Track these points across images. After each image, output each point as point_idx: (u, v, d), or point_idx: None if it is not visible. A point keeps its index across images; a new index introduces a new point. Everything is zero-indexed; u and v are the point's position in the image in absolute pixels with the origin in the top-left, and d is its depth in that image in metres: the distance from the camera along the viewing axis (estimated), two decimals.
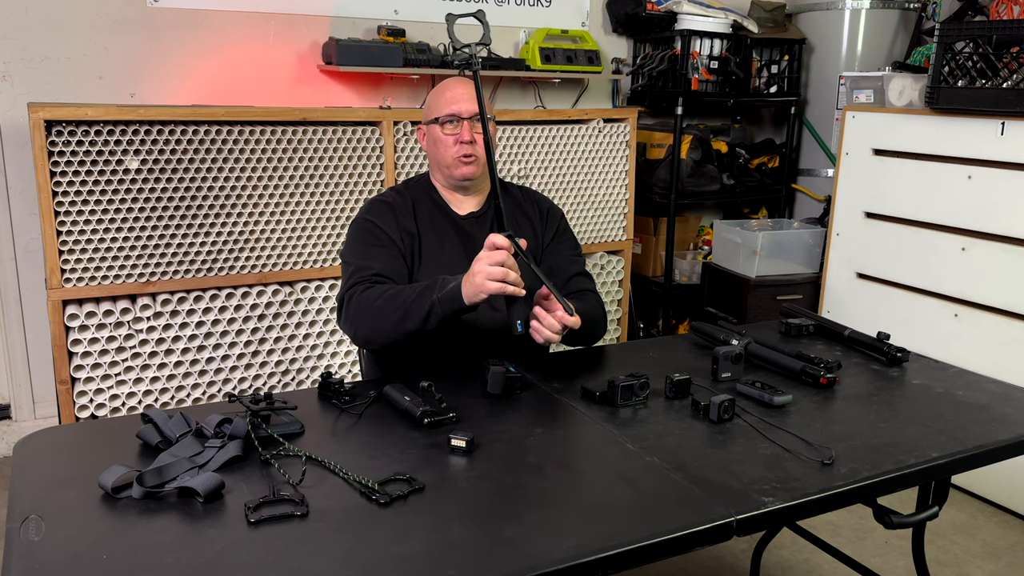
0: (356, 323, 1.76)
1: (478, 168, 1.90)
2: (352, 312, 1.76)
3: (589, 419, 1.51)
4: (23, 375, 3.12)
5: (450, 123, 1.88)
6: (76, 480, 1.25)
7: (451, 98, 1.89)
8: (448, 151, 1.89)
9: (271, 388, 2.95)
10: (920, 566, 1.87)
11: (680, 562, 2.45)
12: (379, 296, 1.73)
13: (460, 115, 1.87)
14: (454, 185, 1.94)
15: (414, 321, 1.68)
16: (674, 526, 1.15)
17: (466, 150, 1.87)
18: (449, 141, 1.88)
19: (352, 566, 1.06)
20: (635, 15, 3.78)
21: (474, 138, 1.87)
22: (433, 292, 1.68)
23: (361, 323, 1.75)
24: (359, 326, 1.76)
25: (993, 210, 2.79)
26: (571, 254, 2.01)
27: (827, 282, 3.44)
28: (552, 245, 1.99)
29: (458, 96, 1.89)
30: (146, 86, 3.10)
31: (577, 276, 1.97)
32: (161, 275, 2.73)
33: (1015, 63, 2.68)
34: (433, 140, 1.92)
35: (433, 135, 1.92)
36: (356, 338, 1.80)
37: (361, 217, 1.91)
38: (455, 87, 1.92)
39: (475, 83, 1.73)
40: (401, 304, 1.70)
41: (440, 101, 1.91)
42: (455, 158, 1.88)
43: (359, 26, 3.39)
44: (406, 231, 1.88)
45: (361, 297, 1.75)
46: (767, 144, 4.24)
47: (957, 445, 1.44)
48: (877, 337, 1.92)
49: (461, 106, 1.88)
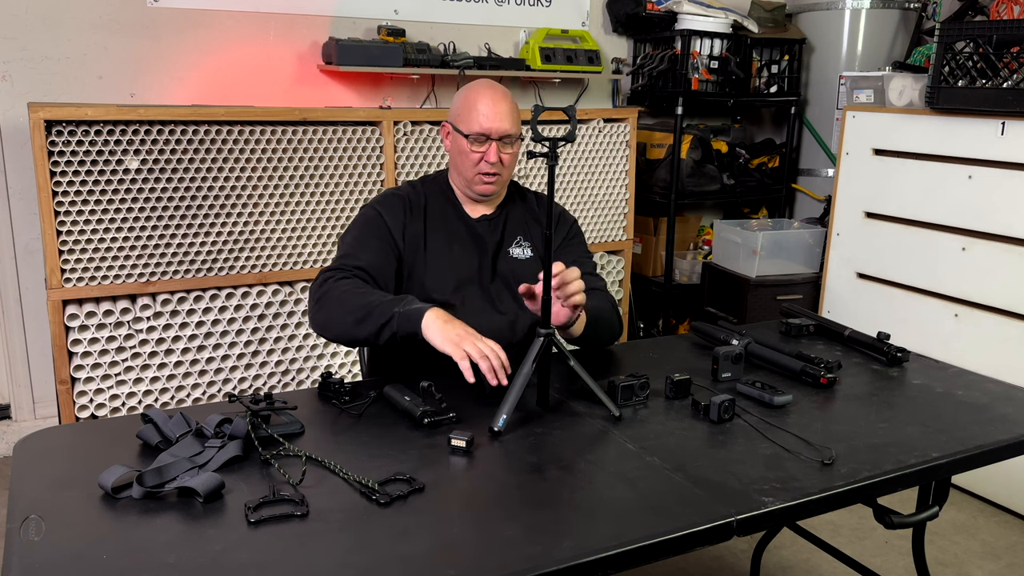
0: (319, 308, 1.72)
1: (498, 187, 1.87)
2: (319, 295, 1.73)
3: (589, 419, 1.51)
4: (23, 375, 3.12)
5: (479, 142, 1.81)
6: (76, 480, 1.25)
7: (485, 115, 1.80)
8: (471, 168, 1.83)
9: (271, 388, 2.95)
10: (920, 566, 1.87)
11: (680, 562, 2.45)
12: (347, 290, 1.70)
13: (491, 136, 1.80)
14: (470, 195, 1.90)
15: (369, 327, 1.65)
16: (674, 526, 1.15)
17: (489, 169, 1.82)
18: (474, 158, 1.82)
19: (352, 566, 1.06)
20: (635, 15, 3.78)
21: (501, 158, 1.81)
22: (396, 305, 1.65)
23: (322, 310, 1.71)
24: (319, 311, 1.72)
25: (993, 210, 2.79)
26: (580, 256, 1.98)
27: (827, 282, 3.44)
28: (562, 247, 1.98)
29: (492, 115, 1.80)
30: (146, 86, 3.10)
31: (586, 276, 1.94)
32: (161, 275, 2.73)
33: (1015, 63, 2.68)
34: (458, 149, 1.85)
35: (459, 145, 1.84)
36: (313, 322, 1.75)
37: (371, 205, 1.88)
38: (492, 103, 1.81)
39: (549, 176, 1.56)
40: (364, 305, 1.66)
41: (473, 113, 1.81)
42: (476, 175, 1.84)
43: (359, 26, 3.39)
44: (412, 230, 1.86)
45: (334, 284, 1.72)
46: (767, 144, 4.24)
47: (957, 445, 1.44)
48: (877, 337, 1.92)
49: (493, 126, 1.80)
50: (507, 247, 1.91)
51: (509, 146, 1.83)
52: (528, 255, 1.92)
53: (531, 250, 1.93)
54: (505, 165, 1.84)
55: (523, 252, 1.92)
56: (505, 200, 1.96)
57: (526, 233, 1.95)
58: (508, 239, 1.92)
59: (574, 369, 1.56)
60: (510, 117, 1.82)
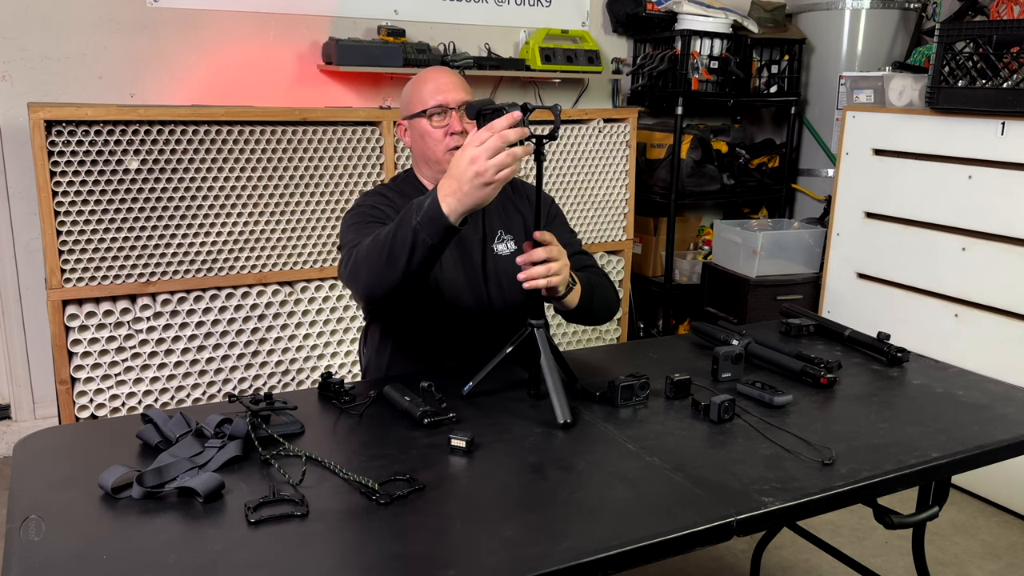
0: (355, 278, 1.61)
1: None
2: (350, 271, 1.62)
3: (589, 419, 1.51)
4: (23, 375, 3.12)
5: (438, 115, 1.78)
6: (76, 480, 1.25)
7: (436, 88, 1.78)
8: (438, 144, 1.80)
9: (271, 388, 2.95)
10: (920, 566, 1.87)
11: (680, 562, 2.45)
12: (366, 244, 1.59)
13: (448, 105, 1.77)
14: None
15: (402, 257, 1.49)
16: (674, 526, 1.15)
17: (457, 141, 1.78)
18: (438, 134, 1.79)
19: (352, 566, 1.06)
20: (635, 15, 3.78)
21: (465, 129, 1.78)
22: (411, 221, 1.48)
23: (357, 278, 1.60)
24: (358, 280, 1.60)
25: (993, 210, 2.79)
26: (567, 234, 1.93)
27: (827, 282, 3.44)
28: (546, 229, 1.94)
29: (443, 85, 1.79)
30: (146, 86, 3.10)
31: (576, 255, 1.88)
32: (161, 275, 2.73)
33: (1015, 63, 2.68)
34: (420, 134, 1.82)
35: (419, 129, 1.81)
36: (357, 292, 1.63)
37: (356, 203, 1.85)
38: (438, 76, 1.82)
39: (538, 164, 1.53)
40: (385, 242, 1.52)
41: (423, 92, 1.80)
42: (446, 151, 1.79)
43: (359, 26, 3.39)
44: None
45: (356, 252, 1.62)
46: (767, 144, 4.24)
47: (957, 445, 1.44)
48: (877, 337, 1.92)
49: (448, 96, 1.78)
50: (491, 244, 1.89)
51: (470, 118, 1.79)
52: (512, 249, 1.89)
53: (513, 243, 1.91)
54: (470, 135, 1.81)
55: (506, 247, 1.90)
56: None
57: (506, 224, 1.92)
58: (490, 235, 1.89)
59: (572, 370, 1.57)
60: (463, 86, 1.81)
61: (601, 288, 1.84)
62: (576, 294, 1.71)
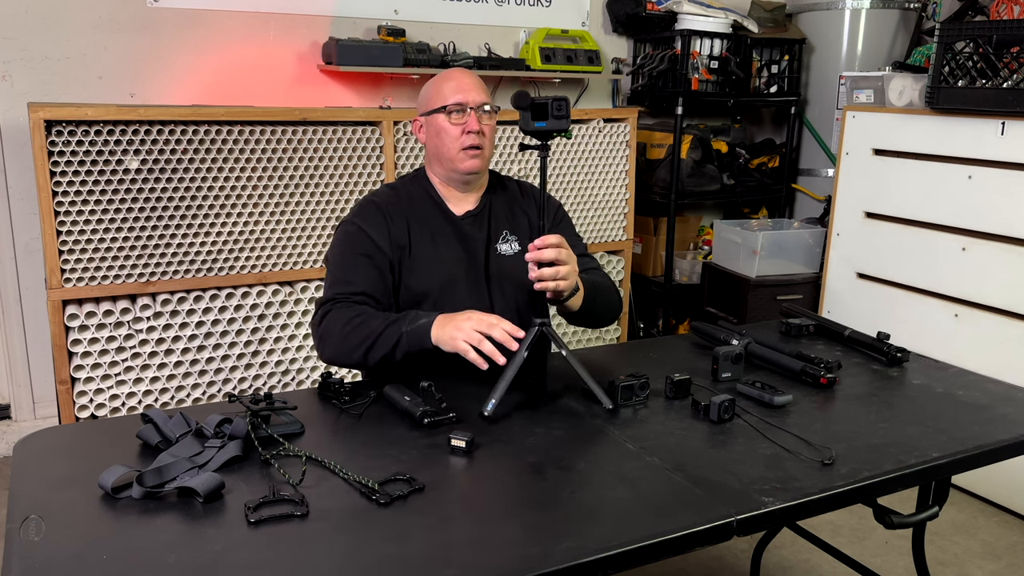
0: (323, 344, 1.72)
1: (483, 162, 1.84)
2: (322, 330, 1.72)
3: (589, 419, 1.51)
4: (23, 375, 3.12)
5: (457, 112, 1.81)
6: (76, 480, 1.25)
7: (457, 87, 1.81)
8: (454, 142, 1.81)
9: (271, 388, 2.95)
10: (920, 566, 1.87)
11: (680, 562, 2.45)
12: (349, 320, 1.68)
13: (467, 104, 1.80)
14: (455, 180, 1.87)
15: (380, 352, 1.66)
16: (674, 526, 1.15)
17: (473, 140, 1.80)
18: (455, 131, 1.80)
19: (352, 566, 1.06)
20: (635, 15, 3.78)
21: (483, 129, 1.81)
22: (402, 325, 1.65)
23: (327, 346, 1.71)
24: (325, 348, 1.72)
25: (993, 210, 2.79)
26: (573, 238, 1.94)
27: (827, 282, 3.44)
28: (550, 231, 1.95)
29: (465, 85, 1.82)
30: (146, 86, 3.10)
31: (581, 257, 1.89)
32: (161, 275, 2.73)
33: (1015, 63, 2.68)
34: (436, 131, 1.83)
35: (436, 125, 1.83)
36: (321, 357, 1.75)
37: (349, 220, 1.83)
38: (460, 76, 1.85)
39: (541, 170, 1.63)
40: (369, 334, 1.66)
41: (444, 90, 1.82)
42: (461, 149, 1.81)
43: (359, 26, 3.39)
44: (396, 233, 1.82)
45: (336, 315, 1.71)
46: (767, 144, 4.24)
47: (957, 445, 1.44)
48: (877, 337, 1.92)
49: (468, 95, 1.81)
50: (494, 244, 1.89)
51: (487, 117, 1.83)
52: (516, 249, 1.90)
53: (518, 243, 1.91)
54: (486, 137, 1.83)
55: (510, 247, 1.90)
56: (487, 191, 1.93)
57: (511, 226, 1.93)
58: (495, 235, 1.90)
59: (573, 367, 1.57)
60: (482, 88, 1.84)
61: (604, 291, 1.85)
62: (579, 297, 1.72)
